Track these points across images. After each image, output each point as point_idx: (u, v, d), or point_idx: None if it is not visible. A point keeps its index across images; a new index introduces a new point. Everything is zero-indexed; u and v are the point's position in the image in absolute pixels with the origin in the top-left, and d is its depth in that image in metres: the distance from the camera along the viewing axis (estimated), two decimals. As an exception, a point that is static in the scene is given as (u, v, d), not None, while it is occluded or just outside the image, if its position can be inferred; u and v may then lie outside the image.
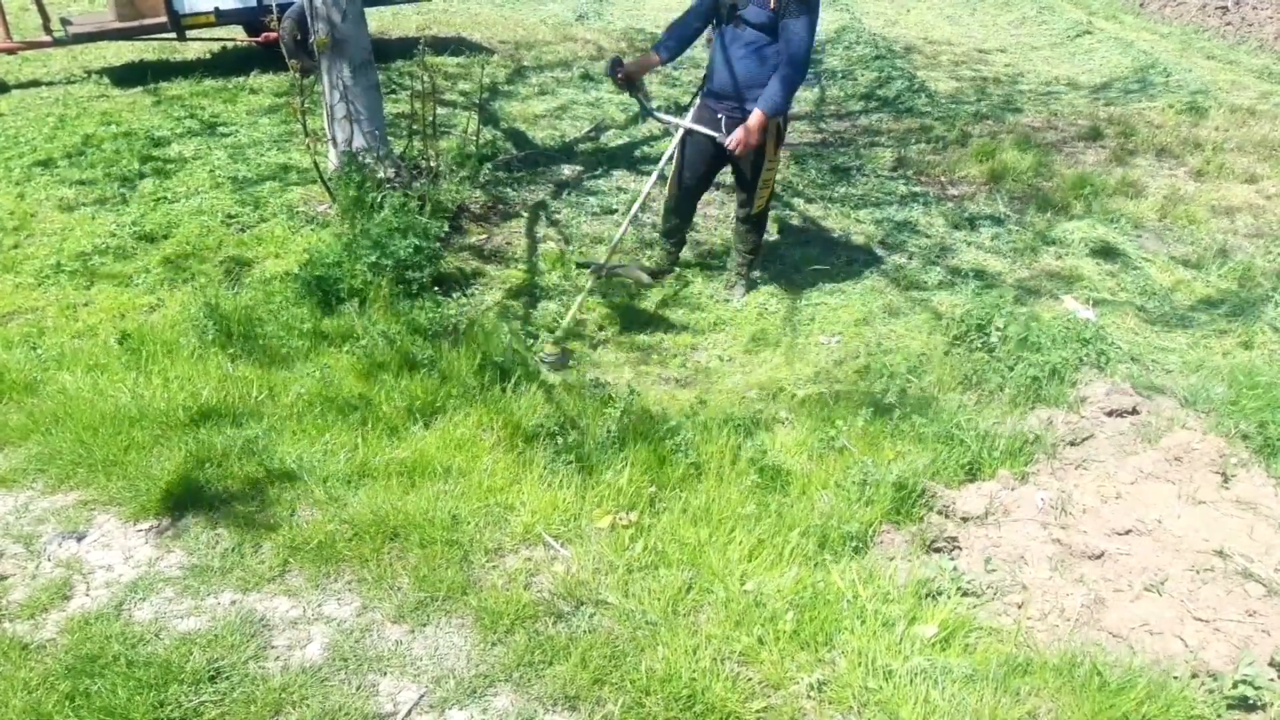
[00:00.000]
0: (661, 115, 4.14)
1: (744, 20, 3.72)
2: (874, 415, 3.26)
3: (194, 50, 8.67)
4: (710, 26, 3.97)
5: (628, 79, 3.94)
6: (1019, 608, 2.43)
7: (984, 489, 2.92)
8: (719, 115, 3.92)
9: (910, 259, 4.82)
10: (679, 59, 4.61)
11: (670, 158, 4.09)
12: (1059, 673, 2.16)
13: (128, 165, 5.56)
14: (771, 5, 3.62)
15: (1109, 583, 2.51)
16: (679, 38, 4.00)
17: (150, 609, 2.36)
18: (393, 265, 4.04)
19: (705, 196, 5.50)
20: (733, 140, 3.76)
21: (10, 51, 7.61)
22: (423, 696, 2.13)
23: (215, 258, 4.45)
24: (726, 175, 5.94)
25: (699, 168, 4.19)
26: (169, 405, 3.12)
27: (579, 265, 4.46)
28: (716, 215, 5.38)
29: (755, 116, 3.73)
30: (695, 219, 4.77)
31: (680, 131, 4.01)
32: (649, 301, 4.38)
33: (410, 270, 4.02)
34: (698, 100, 4.10)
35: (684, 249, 4.69)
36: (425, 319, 3.81)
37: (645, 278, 4.27)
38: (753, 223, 4.31)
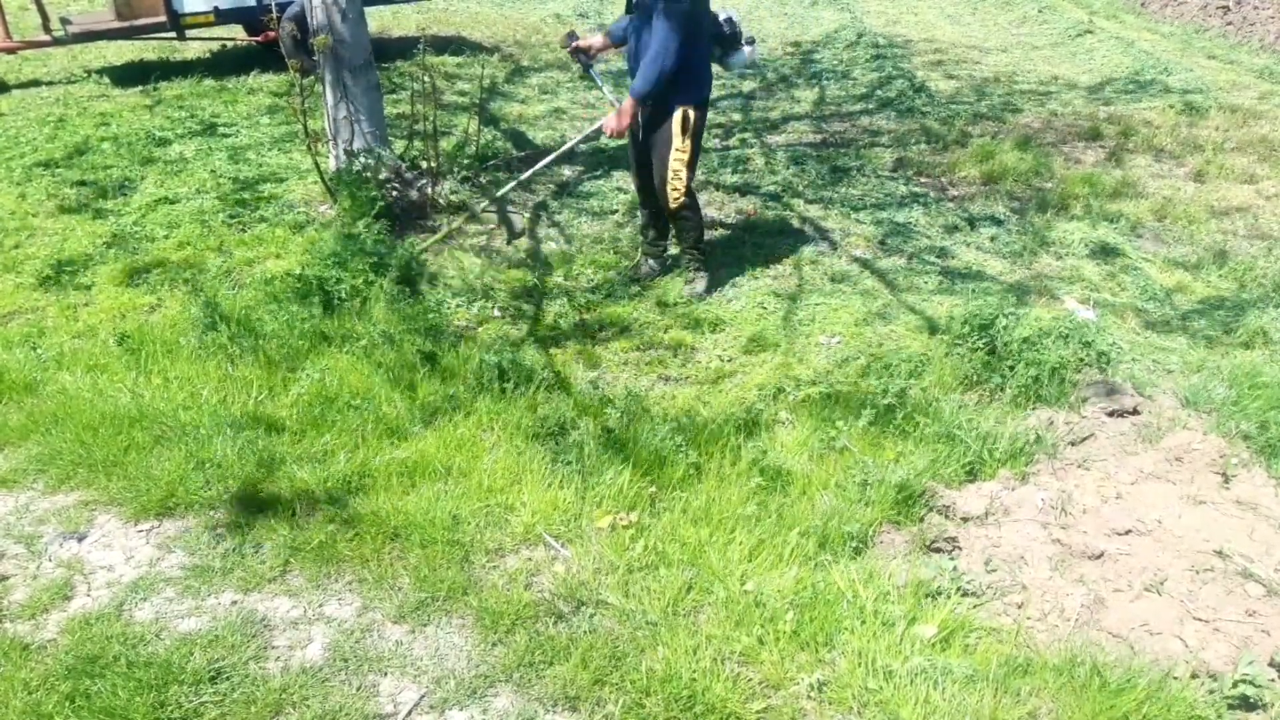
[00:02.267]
0: (599, 79, 4.43)
1: (642, 9, 3.90)
2: (875, 416, 3.26)
3: (194, 50, 8.67)
4: None
5: (578, 50, 4.28)
6: (1019, 608, 2.44)
7: (984, 489, 2.92)
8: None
9: (910, 260, 4.82)
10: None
11: (589, 133, 4.48)
12: (1059, 673, 2.16)
13: (128, 165, 5.57)
14: None
15: (1109, 583, 2.51)
16: (624, 25, 4.19)
17: (151, 609, 2.37)
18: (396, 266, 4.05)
19: (706, 197, 5.52)
20: (605, 123, 3.98)
21: (10, 51, 7.62)
22: (423, 697, 2.13)
23: (216, 258, 4.46)
24: (727, 176, 5.96)
25: (634, 152, 4.37)
26: (169, 405, 3.12)
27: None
28: (717, 216, 5.37)
29: (625, 101, 3.93)
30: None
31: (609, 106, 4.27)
32: (649, 302, 4.38)
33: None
34: None
35: (667, 242, 4.69)
36: (426, 320, 3.82)
37: (516, 226, 4.70)
38: (673, 216, 4.37)
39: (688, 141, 4.06)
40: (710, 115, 7.11)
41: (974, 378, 3.54)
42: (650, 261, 4.61)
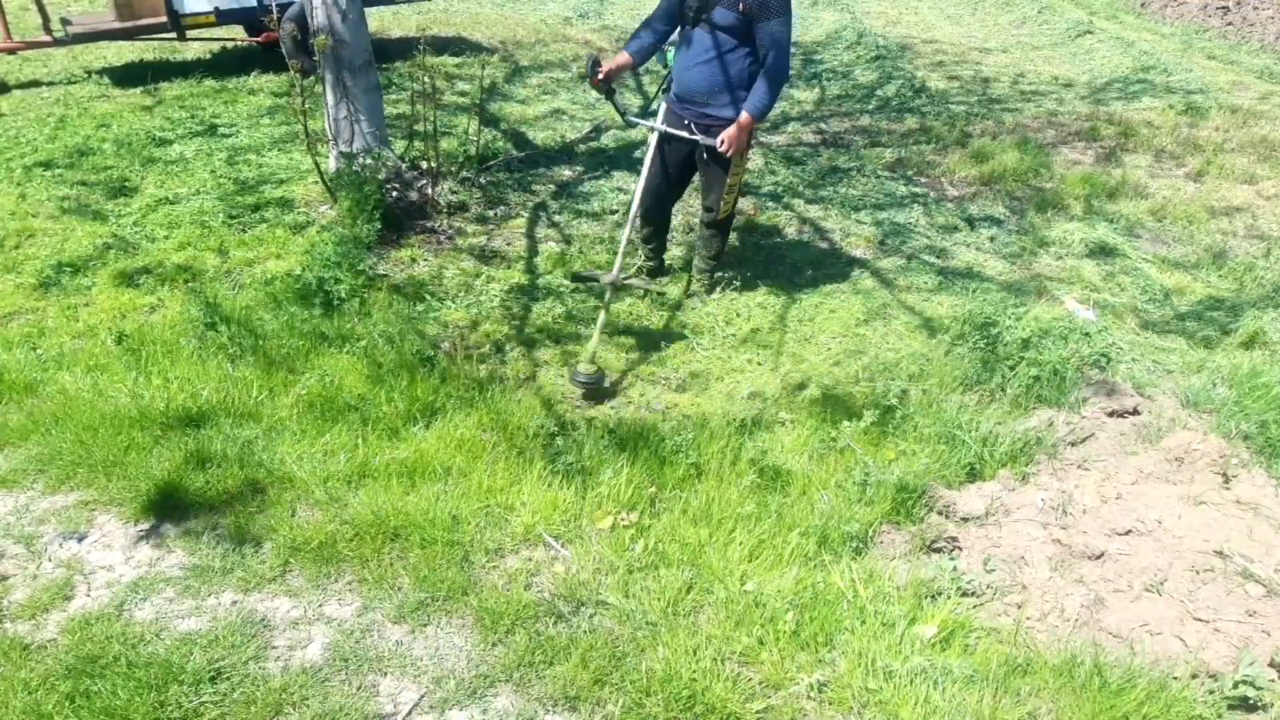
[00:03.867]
0: (638, 119, 4.15)
1: (711, 24, 3.67)
2: (875, 416, 3.26)
3: (194, 50, 8.68)
4: (677, 29, 3.92)
5: (607, 81, 3.83)
6: (1019, 608, 2.44)
7: (984, 489, 2.92)
8: (686, 120, 3.88)
9: (910, 260, 4.82)
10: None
11: (652, 162, 4.01)
12: (1059, 673, 2.16)
13: (128, 166, 5.56)
14: (740, 8, 3.57)
15: (1109, 583, 2.51)
16: (648, 40, 3.95)
17: (151, 609, 2.37)
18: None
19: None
20: (724, 141, 3.72)
21: (10, 51, 7.62)
22: (423, 697, 2.13)
23: (216, 258, 4.45)
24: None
25: (673, 172, 4.14)
26: (169, 405, 3.12)
27: (576, 278, 4.38)
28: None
29: (744, 117, 3.72)
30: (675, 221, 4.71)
31: (656, 135, 3.95)
32: (648, 302, 4.38)
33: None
34: (662, 103, 4.03)
35: (666, 253, 4.63)
36: (426, 320, 3.81)
37: (655, 285, 4.28)
38: (718, 227, 4.27)
39: (745, 157, 3.95)
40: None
41: (974, 378, 3.54)
42: (644, 272, 4.57)
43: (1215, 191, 5.87)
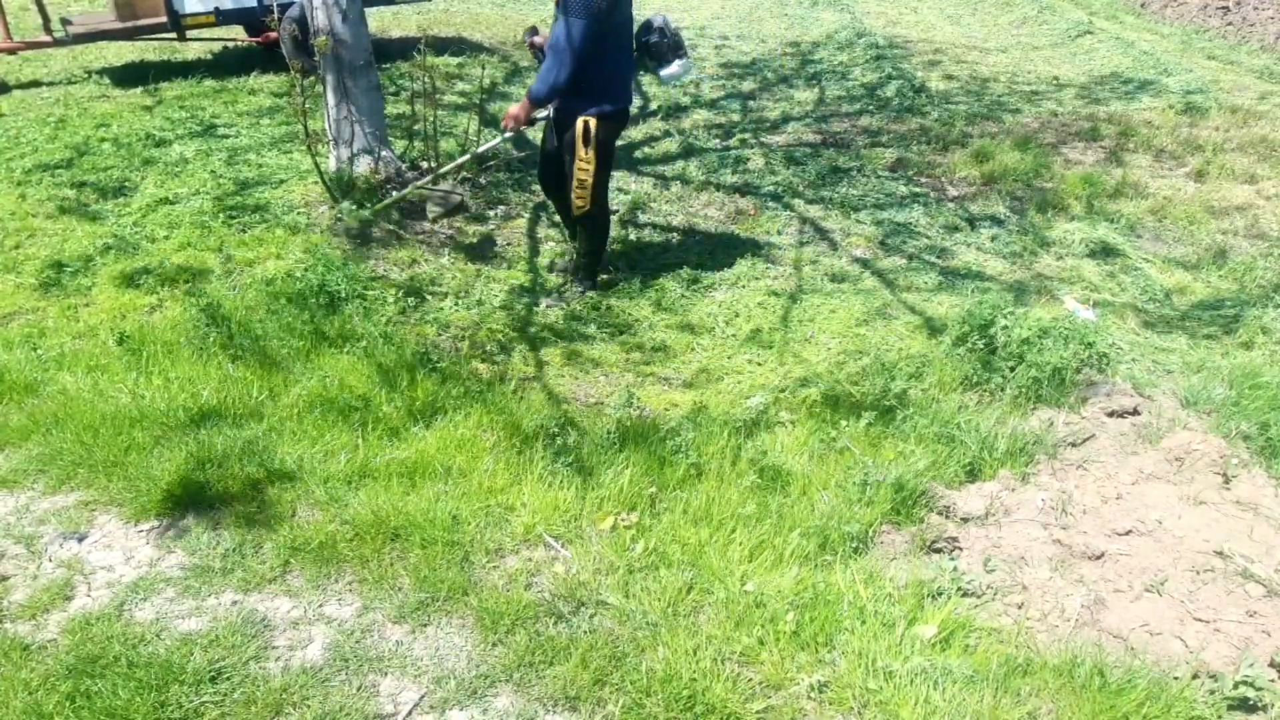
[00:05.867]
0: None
1: (558, 19, 3.95)
2: (875, 416, 3.26)
3: (194, 50, 8.68)
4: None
5: (534, 45, 4.58)
6: (1019, 608, 2.44)
7: (984, 489, 2.92)
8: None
9: (910, 260, 4.82)
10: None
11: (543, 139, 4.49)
12: (1059, 673, 2.16)
13: (128, 166, 5.56)
14: (558, 4, 3.86)
15: (1109, 583, 2.51)
16: None
17: (151, 609, 2.37)
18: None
19: (706, 197, 5.52)
20: (506, 115, 4.20)
21: (10, 51, 7.62)
22: (423, 697, 2.13)
23: (216, 258, 4.45)
24: (727, 176, 5.96)
25: (542, 150, 4.46)
26: (169, 406, 3.12)
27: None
28: (717, 216, 5.38)
29: (523, 100, 4.07)
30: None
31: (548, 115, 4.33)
32: (649, 302, 4.38)
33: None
34: None
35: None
36: (426, 320, 3.81)
37: (452, 200, 4.89)
38: (580, 223, 4.34)
39: (591, 152, 4.02)
40: (710, 115, 7.14)
41: (974, 378, 3.54)
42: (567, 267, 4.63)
43: (1216, 191, 5.87)
